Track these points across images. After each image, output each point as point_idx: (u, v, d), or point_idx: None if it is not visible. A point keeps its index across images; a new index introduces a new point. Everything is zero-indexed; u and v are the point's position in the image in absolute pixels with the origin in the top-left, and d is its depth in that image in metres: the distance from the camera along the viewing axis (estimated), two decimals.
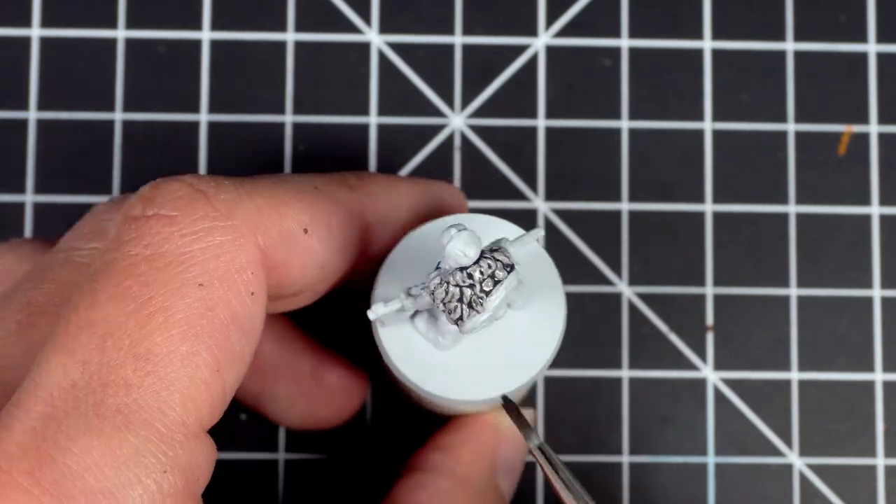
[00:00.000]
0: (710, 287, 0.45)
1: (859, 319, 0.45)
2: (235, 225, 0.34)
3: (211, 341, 0.33)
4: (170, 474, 0.32)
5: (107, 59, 0.46)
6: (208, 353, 0.33)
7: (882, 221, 0.46)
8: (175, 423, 0.32)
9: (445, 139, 0.46)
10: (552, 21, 0.46)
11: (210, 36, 0.46)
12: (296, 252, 0.35)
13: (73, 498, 0.31)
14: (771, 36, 0.46)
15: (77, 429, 0.31)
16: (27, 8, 0.46)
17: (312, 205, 0.36)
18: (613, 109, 0.46)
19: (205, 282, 0.33)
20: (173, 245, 0.33)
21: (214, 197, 0.34)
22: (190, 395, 0.32)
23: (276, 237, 0.35)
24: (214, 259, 0.34)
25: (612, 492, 0.45)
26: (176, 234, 0.34)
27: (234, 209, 0.34)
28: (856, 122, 0.46)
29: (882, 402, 0.45)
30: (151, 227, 0.34)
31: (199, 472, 0.33)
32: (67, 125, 0.46)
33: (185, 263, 0.33)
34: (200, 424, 0.33)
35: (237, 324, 0.34)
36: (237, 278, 0.34)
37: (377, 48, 0.46)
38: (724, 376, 0.45)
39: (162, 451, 0.32)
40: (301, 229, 0.35)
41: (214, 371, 0.33)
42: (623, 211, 0.46)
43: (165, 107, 0.46)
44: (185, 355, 0.32)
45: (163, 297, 0.33)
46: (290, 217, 0.35)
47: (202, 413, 0.33)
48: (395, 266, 0.36)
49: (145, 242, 0.33)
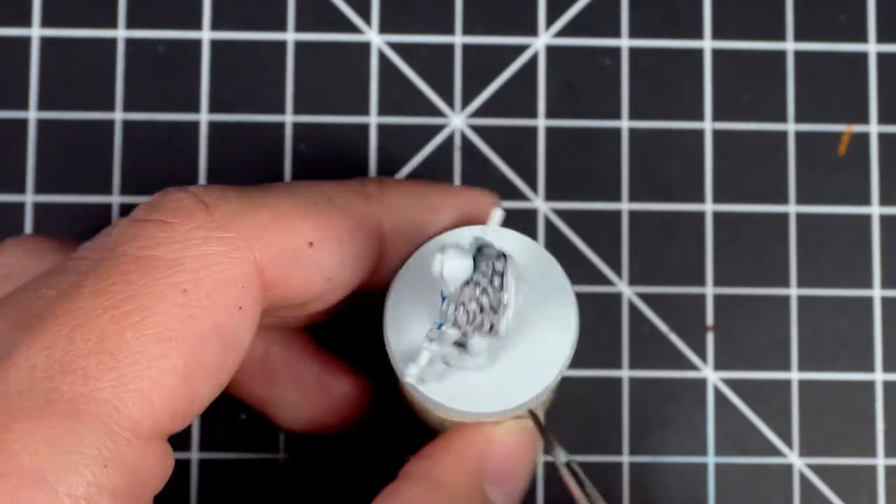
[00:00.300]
0: (710, 287, 0.45)
1: (859, 319, 0.45)
2: (232, 237, 0.34)
3: (185, 348, 0.33)
4: (111, 469, 0.31)
5: (107, 59, 0.46)
6: (179, 360, 0.33)
7: (882, 221, 0.46)
8: (127, 422, 0.32)
9: (445, 139, 0.46)
10: (552, 21, 0.46)
11: (210, 36, 0.46)
12: (298, 267, 0.35)
13: (4, 476, 0.31)
14: (771, 36, 0.46)
15: (24, 409, 0.31)
16: (27, 8, 0.46)
17: (320, 218, 0.36)
18: (613, 109, 0.46)
19: (190, 289, 0.33)
20: (165, 250, 0.33)
21: (215, 208, 0.34)
22: (149, 397, 0.32)
23: (276, 252, 0.35)
24: (205, 268, 0.33)
25: (613, 492, 0.45)
26: (169, 239, 0.34)
27: (234, 222, 0.34)
28: (856, 122, 0.46)
29: (882, 402, 0.45)
30: (148, 230, 0.34)
31: (146, 477, 0.32)
32: (67, 125, 0.46)
33: (174, 269, 0.33)
34: (156, 429, 0.32)
35: (219, 335, 0.33)
36: (226, 290, 0.34)
37: (377, 48, 0.46)
38: (724, 376, 0.45)
39: (106, 445, 0.31)
40: (306, 244, 0.35)
41: (182, 378, 0.33)
42: (623, 211, 0.46)
43: (165, 107, 0.46)
44: (154, 357, 0.32)
45: (143, 297, 0.33)
46: (293, 232, 0.35)
47: (160, 418, 0.32)
48: (399, 305, 0.36)
49: (139, 244, 0.34)
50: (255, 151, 0.46)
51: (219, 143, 0.46)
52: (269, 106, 0.46)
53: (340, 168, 0.45)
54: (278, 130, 0.46)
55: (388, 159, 0.46)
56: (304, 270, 0.35)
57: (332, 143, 0.46)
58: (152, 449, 0.32)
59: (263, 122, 0.46)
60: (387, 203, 0.37)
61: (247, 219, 0.35)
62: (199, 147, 0.46)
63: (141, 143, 0.46)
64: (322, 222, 0.36)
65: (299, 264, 0.35)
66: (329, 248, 0.36)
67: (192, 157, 0.45)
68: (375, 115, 0.46)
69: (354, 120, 0.46)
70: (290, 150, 0.46)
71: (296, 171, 0.45)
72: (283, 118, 0.46)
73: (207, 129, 0.46)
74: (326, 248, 0.36)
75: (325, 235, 0.36)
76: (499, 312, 0.33)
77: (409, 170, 0.46)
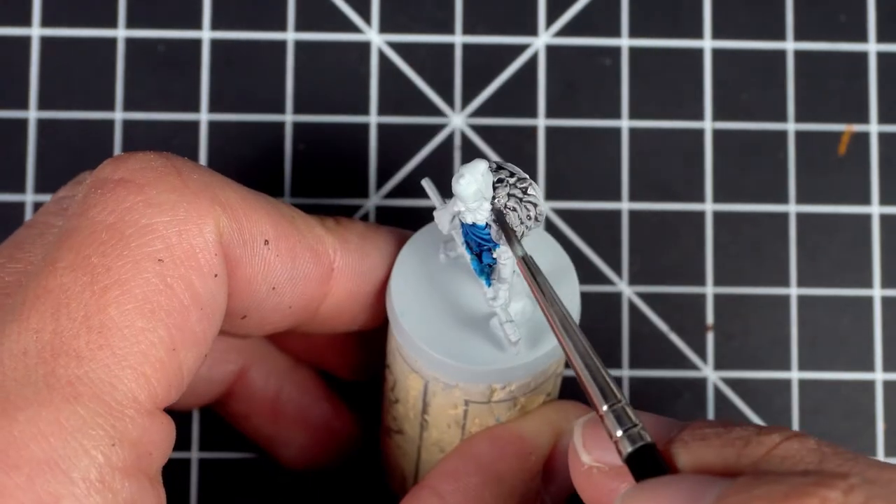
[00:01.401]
0: (710, 287, 0.45)
1: (859, 319, 0.45)
2: (202, 204, 0.34)
3: (169, 320, 0.33)
4: (119, 448, 0.32)
5: (107, 59, 0.46)
6: (165, 331, 0.33)
7: (882, 221, 0.46)
8: (126, 398, 0.32)
9: (445, 139, 0.46)
10: (552, 21, 0.46)
11: (210, 36, 0.46)
12: (250, 257, 0.35)
13: (18, 468, 0.30)
14: (771, 36, 0.46)
15: (25, 398, 0.31)
16: (27, 8, 0.46)
17: (281, 225, 0.35)
18: (613, 109, 0.46)
19: (165, 258, 0.33)
20: (137, 215, 0.33)
21: (188, 175, 0.34)
22: (143, 371, 0.32)
23: (236, 231, 0.34)
24: (177, 236, 0.33)
25: None
26: (142, 203, 0.33)
27: (205, 190, 0.34)
28: (856, 122, 0.46)
29: (882, 402, 0.45)
30: (118, 193, 0.33)
31: (152, 448, 0.33)
32: (67, 125, 0.46)
33: (147, 236, 0.33)
34: (154, 402, 0.32)
35: (198, 304, 0.33)
36: (199, 258, 0.33)
37: (377, 48, 0.46)
38: (724, 376, 0.45)
39: (111, 424, 0.31)
40: (262, 239, 0.35)
41: (170, 350, 0.33)
42: (623, 211, 0.46)
43: (165, 107, 0.46)
44: (140, 331, 0.32)
45: (120, 269, 0.32)
46: (255, 222, 0.35)
47: (156, 390, 0.32)
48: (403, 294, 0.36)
49: (110, 209, 0.33)
50: (255, 151, 0.46)
51: (219, 143, 0.46)
52: (269, 106, 0.46)
53: (340, 168, 0.45)
54: (278, 130, 0.46)
55: (388, 159, 0.46)
56: (254, 263, 0.35)
57: (332, 143, 0.46)
58: (154, 422, 0.33)
59: (263, 122, 0.46)
60: (343, 237, 0.37)
61: (216, 191, 0.34)
62: (199, 147, 0.46)
63: (141, 143, 0.46)
64: (281, 229, 0.35)
65: (252, 256, 0.35)
66: (282, 257, 0.35)
67: (192, 158, 0.45)
68: (375, 115, 0.46)
69: (354, 120, 0.46)
70: (290, 150, 0.46)
71: (296, 171, 0.46)
72: (283, 118, 0.46)
73: (207, 128, 0.46)
74: (280, 255, 0.35)
75: (280, 242, 0.35)
76: (531, 201, 0.35)
77: (409, 170, 0.46)
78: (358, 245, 0.37)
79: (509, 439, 0.37)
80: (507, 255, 0.35)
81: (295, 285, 0.36)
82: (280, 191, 0.45)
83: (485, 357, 0.36)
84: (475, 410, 0.37)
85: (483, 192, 0.34)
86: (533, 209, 0.35)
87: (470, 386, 0.36)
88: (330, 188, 0.45)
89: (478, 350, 0.36)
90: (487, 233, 0.35)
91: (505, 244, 0.35)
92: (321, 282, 0.37)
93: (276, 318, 0.37)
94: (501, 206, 0.34)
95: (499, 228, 0.34)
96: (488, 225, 0.35)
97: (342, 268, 0.37)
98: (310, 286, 0.36)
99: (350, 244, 0.37)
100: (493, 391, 0.36)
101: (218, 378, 0.42)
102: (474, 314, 0.36)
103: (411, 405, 0.38)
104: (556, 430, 0.37)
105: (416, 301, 0.36)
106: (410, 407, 0.38)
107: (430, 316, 0.36)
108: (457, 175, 0.34)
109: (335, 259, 0.37)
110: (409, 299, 0.36)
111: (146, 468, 0.32)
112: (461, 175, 0.34)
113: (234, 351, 0.42)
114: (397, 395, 0.38)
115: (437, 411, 0.37)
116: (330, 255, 0.37)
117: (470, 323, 0.36)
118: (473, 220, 0.35)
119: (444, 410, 0.37)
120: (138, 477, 0.32)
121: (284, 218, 0.36)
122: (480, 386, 0.36)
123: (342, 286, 0.37)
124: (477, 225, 0.35)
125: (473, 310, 0.36)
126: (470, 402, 0.37)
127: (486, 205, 0.34)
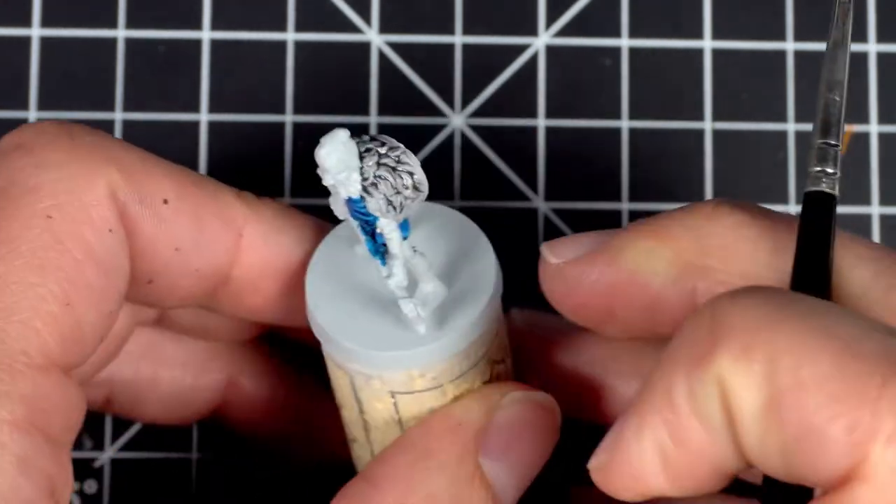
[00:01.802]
0: None
1: None
2: (94, 161, 0.34)
3: (60, 274, 0.33)
4: (6, 400, 0.31)
5: (107, 59, 0.46)
6: (57, 286, 0.33)
7: (882, 221, 0.46)
8: (14, 352, 0.32)
9: (445, 139, 0.46)
10: (552, 21, 0.46)
11: (210, 36, 0.46)
12: (149, 217, 0.35)
13: None
14: (771, 36, 0.46)
15: None
16: (27, 8, 0.46)
17: (183, 185, 0.36)
18: (613, 109, 0.46)
19: (54, 214, 0.33)
20: (25, 175, 0.33)
21: (79, 137, 0.35)
22: (33, 325, 0.32)
23: (132, 189, 0.35)
24: (66, 193, 0.33)
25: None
26: (31, 164, 0.34)
27: (96, 151, 0.34)
28: (856, 122, 0.46)
29: None
30: (11, 159, 0.34)
31: (48, 407, 0.32)
32: None
33: (35, 194, 0.33)
34: (48, 357, 0.32)
35: (93, 259, 0.33)
36: (91, 213, 0.34)
37: (377, 48, 0.46)
38: None
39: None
40: (161, 199, 0.35)
41: (64, 304, 0.33)
42: (623, 211, 0.46)
43: (165, 107, 0.46)
44: (29, 286, 0.32)
45: (9, 228, 0.33)
46: (153, 180, 0.35)
47: (49, 346, 0.32)
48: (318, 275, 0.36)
49: (2, 175, 0.34)
50: (255, 151, 0.46)
51: (219, 143, 0.46)
52: (269, 106, 0.46)
53: None
54: (278, 130, 0.46)
55: None
56: (152, 223, 0.35)
57: None
58: (49, 379, 0.32)
59: (263, 122, 0.46)
60: (255, 207, 0.37)
61: (111, 152, 0.35)
62: (199, 147, 0.46)
63: (141, 143, 0.45)
64: (185, 190, 0.36)
65: (150, 215, 0.35)
66: (184, 216, 0.35)
67: (193, 157, 0.45)
68: (375, 115, 0.46)
69: (354, 120, 0.46)
70: (290, 150, 0.46)
71: (296, 171, 0.46)
72: (283, 118, 0.46)
73: (207, 128, 0.46)
74: (182, 215, 0.35)
75: (183, 203, 0.35)
76: (406, 167, 0.34)
77: None
78: (271, 218, 0.37)
79: (437, 417, 0.36)
80: (391, 228, 0.34)
81: (200, 248, 0.36)
82: (280, 191, 0.45)
83: (393, 341, 0.35)
84: (404, 403, 0.36)
85: (347, 161, 0.33)
86: (409, 178, 0.34)
87: (388, 374, 0.35)
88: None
89: (388, 335, 0.35)
90: (363, 206, 0.34)
91: (385, 217, 0.34)
92: (229, 247, 0.36)
93: (184, 284, 0.37)
94: (370, 175, 0.34)
95: (375, 200, 0.34)
96: (362, 197, 0.34)
97: (252, 235, 0.37)
98: (217, 249, 0.36)
99: (262, 215, 0.37)
100: (413, 378, 0.36)
101: (204, 386, 0.42)
102: (390, 303, 0.36)
103: (348, 405, 0.37)
104: (489, 404, 0.36)
105: (331, 294, 0.36)
106: (349, 408, 0.37)
107: (344, 307, 0.36)
108: (318, 147, 0.33)
109: (244, 225, 0.37)
110: (324, 293, 0.36)
111: (43, 426, 0.32)
112: (321, 146, 0.33)
113: (217, 359, 0.42)
114: (338, 400, 0.38)
115: (370, 407, 0.37)
116: (239, 220, 0.36)
117: (384, 311, 0.36)
118: (347, 194, 0.34)
119: (375, 405, 0.36)
120: (31, 433, 0.32)
121: (189, 180, 0.36)
122: (398, 373, 0.35)
123: (251, 255, 0.37)
124: (353, 199, 0.34)
125: (389, 299, 0.36)
126: (396, 394, 0.36)
127: (354, 175, 0.34)
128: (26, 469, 0.31)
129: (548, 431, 0.37)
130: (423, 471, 0.35)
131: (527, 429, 0.36)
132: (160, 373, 0.41)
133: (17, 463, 0.31)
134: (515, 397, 0.36)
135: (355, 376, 0.36)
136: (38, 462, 0.32)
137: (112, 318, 0.34)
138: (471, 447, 0.35)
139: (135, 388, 0.41)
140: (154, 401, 0.42)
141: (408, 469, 0.35)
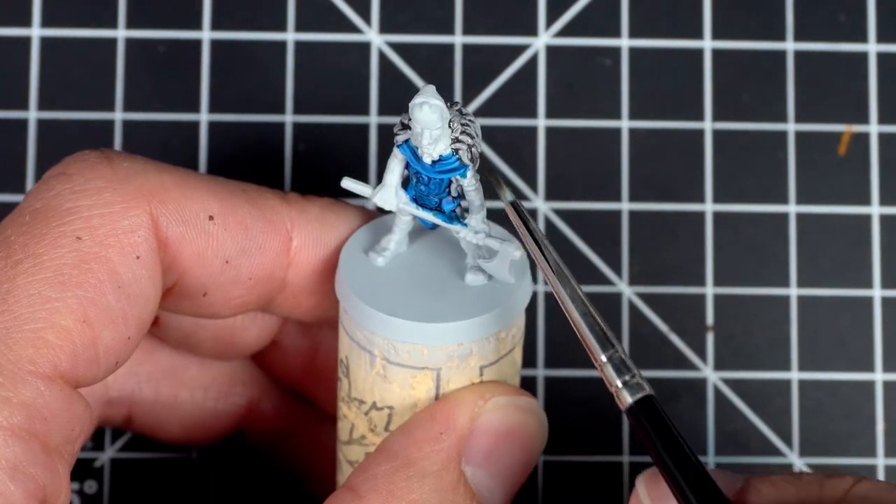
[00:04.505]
0: (710, 287, 0.45)
1: (859, 319, 0.45)
2: (129, 189, 0.34)
3: (81, 292, 0.33)
4: (4, 406, 0.32)
5: (107, 59, 0.46)
6: (75, 302, 0.33)
7: (882, 221, 0.46)
8: (21, 359, 0.32)
9: None
10: (552, 21, 0.46)
11: (210, 36, 0.46)
12: (193, 234, 0.35)
13: None
14: (771, 36, 0.46)
15: None
16: (27, 8, 0.46)
17: (227, 198, 0.36)
18: (613, 109, 0.46)
19: (84, 236, 0.33)
20: (62, 200, 0.34)
21: (119, 164, 0.35)
22: (44, 337, 0.33)
23: (173, 212, 0.35)
24: (99, 216, 0.34)
25: (613, 491, 0.45)
26: (68, 190, 0.34)
27: (135, 177, 0.35)
28: (856, 122, 0.46)
29: (882, 402, 0.45)
30: (48, 184, 0.35)
31: (49, 415, 0.32)
32: (67, 125, 0.46)
33: (69, 217, 0.34)
34: (56, 369, 0.33)
35: (116, 282, 0.34)
36: (121, 238, 0.34)
37: (377, 48, 0.46)
38: (724, 376, 0.45)
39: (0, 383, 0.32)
40: (205, 215, 0.35)
41: (80, 321, 0.33)
42: (623, 211, 0.46)
43: (165, 107, 0.46)
44: (47, 299, 0.33)
45: (36, 245, 0.33)
46: (195, 200, 0.35)
47: (59, 359, 0.33)
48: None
49: (38, 197, 0.34)
50: (255, 151, 0.46)
51: (219, 143, 0.46)
52: (269, 106, 0.46)
53: (340, 168, 0.45)
54: (278, 130, 0.46)
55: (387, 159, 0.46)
56: (199, 240, 0.35)
57: (332, 143, 0.46)
58: (52, 388, 0.33)
59: (263, 122, 0.46)
60: (301, 208, 0.37)
61: (149, 177, 0.35)
62: (199, 147, 0.46)
63: (141, 143, 0.46)
64: (228, 202, 0.36)
65: (196, 232, 0.35)
66: (231, 229, 0.36)
67: (193, 157, 0.45)
68: (375, 115, 0.46)
69: (354, 120, 0.46)
70: (290, 150, 0.46)
71: (296, 171, 0.46)
72: (283, 118, 0.46)
73: (207, 128, 0.46)
74: (228, 228, 0.36)
75: (228, 216, 0.36)
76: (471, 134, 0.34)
77: None
78: (318, 215, 0.37)
79: (418, 423, 0.35)
80: (477, 179, 0.34)
81: (251, 257, 0.36)
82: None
83: (474, 309, 0.35)
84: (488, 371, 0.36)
85: (444, 114, 0.33)
86: (476, 126, 0.34)
87: (478, 345, 0.35)
88: (330, 188, 0.45)
89: (455, 311, 0.35)
90: (456, 160, 0.34)
91: (472, 169, 0.34)
92: (280, 252, 0.37)
93: (239, 293, 0.37)
94: (458, 127, 0.34)
95: (465, 151, 0.34)
96: (454, 151, 0.34)
97: (302, 237, 0.37)
98: (267, 256, 0.36)
99: (309, 214, 0.37)
100: (500, 340, 0.36)
101: (226, 411, 0.42)
102: (429, 285, 0.36)
103: (396, 399, 0.36)
104: (472, 410, 0.36)
105: (392, 292, 0.36)
106: (399, 400, 0.36)
107: (409, 299, 0.35)
108: (415, 104, 0.33)
109: (293, 228, 0.37)
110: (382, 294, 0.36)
111: (41, 434, 0.32)
112: (423, 102, 0.33)
113: (239, 384, 0.42)
114: (376, 399, 0.37)
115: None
116: (287, 224, 0.37)
117: (428, 294, 0.35)
118: (438, 154, 0.34)
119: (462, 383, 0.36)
120: (26, 440, 0.32)
121: (232, 192, 0.36)
122: (490, 341, 0.35)
123: (304, 256, 0.37)
124: (442, 158, 0.34)
125: (437, 281, 0.36)
126: (483, 368, 0.36)
127: (447, 130, 0.34)
128: (16, 475, 0.32)
129: (533, 437, 0.36)
130: (405, 479, 0.34)
131: (511, 435, 0.36)
132: (181, 395, 0.42)
133: (7, 468, 0.32)
134: (499, 402, 0.36)
135: (444, 363, 0.35)
136: (31, 469, 0.32)
137: (131, 343, 0.35)
138: (454, 454, 0.35)
139: (156, 408, 0.41)
140: (175, 423, 0.42)
141: (390, 478, 0.34)
